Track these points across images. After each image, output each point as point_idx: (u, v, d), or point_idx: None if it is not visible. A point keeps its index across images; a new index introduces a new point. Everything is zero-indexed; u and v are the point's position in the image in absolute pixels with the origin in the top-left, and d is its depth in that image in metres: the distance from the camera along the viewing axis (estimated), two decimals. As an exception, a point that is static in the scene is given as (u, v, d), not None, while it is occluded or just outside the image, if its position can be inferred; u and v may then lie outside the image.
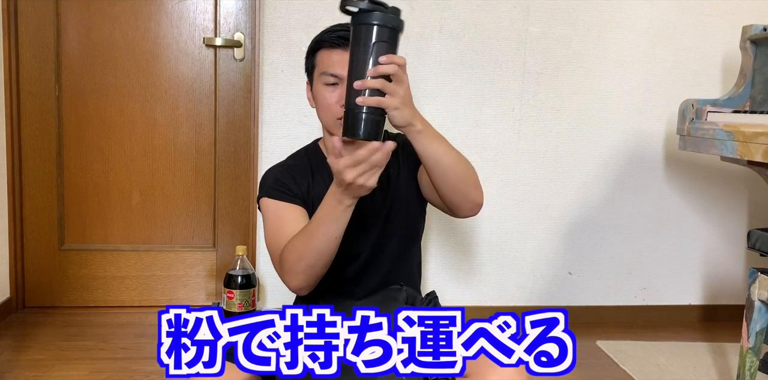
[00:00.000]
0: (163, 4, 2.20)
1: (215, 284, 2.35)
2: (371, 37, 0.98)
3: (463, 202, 1.22)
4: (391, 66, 0.98)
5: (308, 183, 1.34)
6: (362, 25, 1.00)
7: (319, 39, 1.29)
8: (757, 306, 1.64)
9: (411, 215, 1.41)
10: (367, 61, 0.99)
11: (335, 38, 1.26)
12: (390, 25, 1.00)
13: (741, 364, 1.67)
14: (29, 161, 2.23)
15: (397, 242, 1.39)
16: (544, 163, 2.32)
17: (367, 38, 0.99)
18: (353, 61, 1.00)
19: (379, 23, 0.99)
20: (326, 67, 1.26)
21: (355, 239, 1.34)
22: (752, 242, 1.73)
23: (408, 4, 2.17)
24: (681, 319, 2.47)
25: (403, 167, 1.39)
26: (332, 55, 1.26)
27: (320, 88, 1.27)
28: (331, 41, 1.26)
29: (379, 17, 0.99)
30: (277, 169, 1.38)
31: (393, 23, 1.00)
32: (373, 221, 1.35)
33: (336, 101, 1.25)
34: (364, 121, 0.98)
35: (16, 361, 1.85)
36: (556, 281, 2.40)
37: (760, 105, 1.91)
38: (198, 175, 2.31)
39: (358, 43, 1.00)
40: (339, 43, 1.25)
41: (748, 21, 2.22)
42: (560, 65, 2.28)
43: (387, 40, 1.00)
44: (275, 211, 1.30)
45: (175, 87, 2.25)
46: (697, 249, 2.45)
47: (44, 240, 2.27)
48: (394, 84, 1.00)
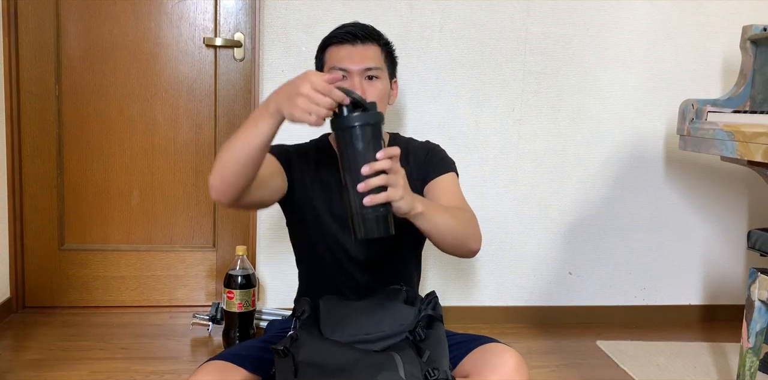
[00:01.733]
0: (163, 4, 2.20)
1: (215, 284, 2.35)
2: (362, 137, 0.98)
3: (460, 252, 1.26)
4: (387, 161, 0.99)
5: (313, 168, 1.37)
6: (348, 129, 0.99)
7: (328, 36, 1.34)
8: (757, 306, 1.64)
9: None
10: (360, 161, 0.98)
11: (343, 34, 1.31)
12: (374, 121, 1.00)
13: (741, 364, 1.67)
14: (29, 161, 2.23)
15: (401, 246, 1.39)
16: (544, 163, 2.32)
17: (358, 139, 0.99)
18: (347, 164, 0.99)
19: (366, 123, 0.99)
20: (335, 62, 1.31)
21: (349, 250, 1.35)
22: (752, 242, 1.73)
23: (408, 4, 2.17)
24: (681, 319, 2.47)
25: (414, 176, 1.40)
26: (341, 50, 1.31)
27: None
28: (340, 37, 1.31)
29: (364, 117, 0.99)
30: (292, 145, 1.42)
31: (376, 119, 1.00)
32: None
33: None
34: (377, 220, 0.99)
35: (16, 361, 1.85)
36: (556, 281, 2.40)
37: (760, 105, 1.91)
38: (198, 175, 2.31)
39: (348, 146, 0.99)
40: (347, 39, 1.30)
41: (748, 21, 2.23)
42: (560, 65, 2.28)
43: (376, 136, 1.00)
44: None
45: (175, 87, 2.25)
46: (697, 249, 2.45)
47: (44, 240, 2.27)
48: (394, 175, 1.01)
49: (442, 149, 1.48)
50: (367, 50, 1.31)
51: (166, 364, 1.87)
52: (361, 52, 1.30)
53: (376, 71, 1.32)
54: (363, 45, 1.31)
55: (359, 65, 1.30)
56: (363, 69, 1.30)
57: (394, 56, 1.40)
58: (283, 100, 1.02)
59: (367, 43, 1.32)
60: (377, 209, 0.99)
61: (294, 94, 0.99)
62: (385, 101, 1.35)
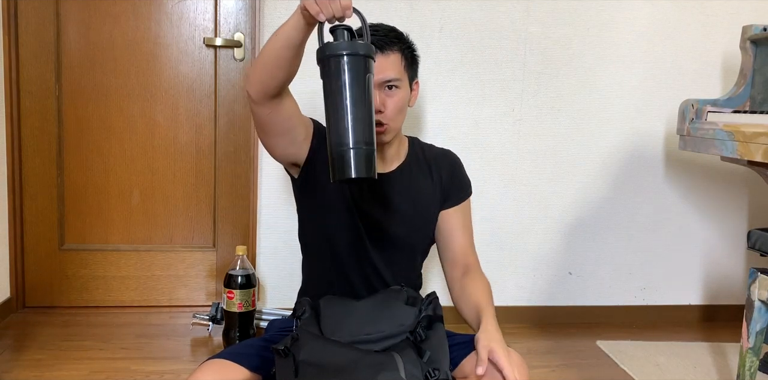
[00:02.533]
0: (163, 4, 2.20)
1: (215, 284, 2.35)
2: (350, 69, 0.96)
3: None
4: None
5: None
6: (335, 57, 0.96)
7: None
8: (757, 306, 1.64)
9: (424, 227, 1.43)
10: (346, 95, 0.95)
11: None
12: (363, 53, 0.98)
13: (741, 364, 1.67)
14: (29, 161, 2.23)
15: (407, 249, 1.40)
16: (544, 163, 2.32)
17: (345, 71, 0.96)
18: (332, 99, 0.95)
19: (355, 52, 0.96)
20: None
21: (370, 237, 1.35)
22: (752, 242, 1.73)
23: (408, 4, 2.17)
24: (681, 319, 2.47)
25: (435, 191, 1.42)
26: None
27: None
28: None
29: (354, 46, 0.96)
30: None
31: (366, 50, 0.99)
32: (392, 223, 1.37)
33: None
34: (358, 158, 0.95)
35: (16, 361, 1.85)
36: (556, 281, 2.40)
37: (760, 105, 1.91)
38: (198, 175, 2.31)
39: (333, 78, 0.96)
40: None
41: (748, 21, 2.23)
42: (560, 65, 2.28)
43: (367, 69, 0.97)
44: None
45: (175, 87, 2.25)
46: (697, 249, 2.45)
47: (44, 240, 2.27)
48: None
49: (462, 163, 1.48)
50: (387, 60, 1.29)
51: (166, 364, 1.87)
52: (382, 63, 1.27)
53: (396, 82, 1.30)
54: (384, 55, 1.28)
55: (380, 78, 1.28)
56: (382, 81, 1.29)
57: (416, 58, 1.38)
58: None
59: (388, 52, 1.29)
60: (359, 147, 0.95)
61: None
62: (404, 108, 1.34)
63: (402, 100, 1.32)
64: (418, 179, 1.41)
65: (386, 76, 1.29)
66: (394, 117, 1.31)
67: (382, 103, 1.28)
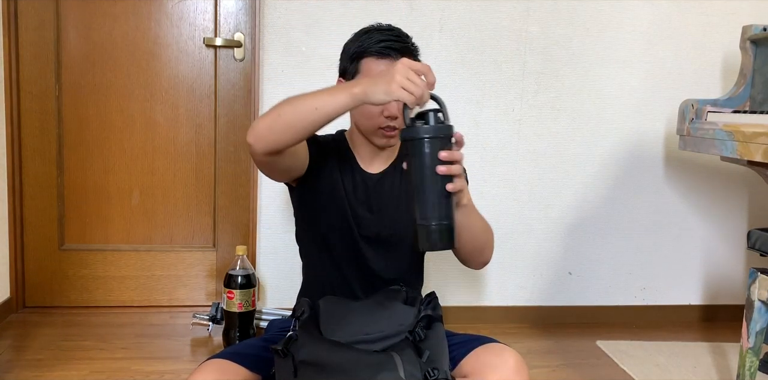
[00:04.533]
0: (163, 4, 2.20)
1: (215, 284, 2.35)
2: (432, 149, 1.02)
3: (475, 262, 1.32)
4: (459, 167, 1.04)
5: (332, 160, 1.36)
6: (420, 140, 1.02)
7: (364, 46, 1.28)
8: (757, 306, 1.64)
9: None
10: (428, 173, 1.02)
11: (383, 48, 1.26)
12: (446, 134, 1.04)
13: (741, 364, 1.67)
14: (29, 161, 2.23)
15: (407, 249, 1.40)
16: (544, 163, 2.32)
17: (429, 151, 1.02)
18: (416, 175, 1.02)
19: (438, 135, 1.02)
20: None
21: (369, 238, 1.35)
22: (752, 242, 1.73)
23: (408, 4, 2.17)
24: (681, 319, 2.47)
25: None
26: (381, 65, 1.26)
27: None
28: (380, 51, 1.26)
29: (438, 129, 1.03)
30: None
31: (449, 131, 1.04)
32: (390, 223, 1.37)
33: (380, 112, 1.27)
34: (440, 232, 1.03)
35: (16, 361, 1.85)
36: (556, 281, 2.40)
37: (760, 105, 1.91)
38: (198, 175, 2.31)
39: (418, 157, 1.03)
40: (387, 54, 1.26)
41: (748, 21, 2.23)
42: (560, 65, 2.28)
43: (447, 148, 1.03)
44: None
45: (175, 87, 2.25)
46: (697, 249, 2.45)
47: (44, 240, 2.27)
48: (460, 179, 1.05)
49: None
50: None
51: (166, 364, 1.87)
52: None
53: None
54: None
55: None
56: None
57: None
58: (372, 84, 1.02)
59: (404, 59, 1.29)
60: (441, 221, 1.03)
61: (389, 76, 1.00)
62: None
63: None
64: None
65: None
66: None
67: (397, 108, 1.27)
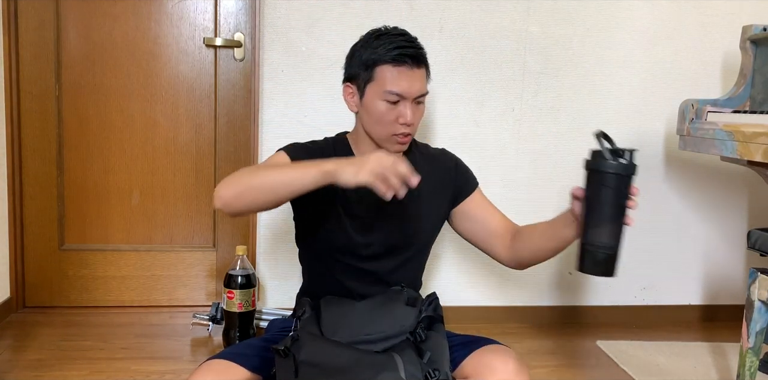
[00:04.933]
0: (163, 4, 2.20)
1: (215, 284, 2.35)
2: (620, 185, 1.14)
3: (529, 266, 1.43)
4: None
5: None
6: (613, 175, 1.13)
7: (378, 53, 1.26)
8: (757, 306, 1.64)
9: (428, 230, 1.43)
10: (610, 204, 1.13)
11: (398, 56, 1.24)
12: (634, 173, 1.15)
13: (741, 364, 1.67)
14: (29, 161, 2.23)
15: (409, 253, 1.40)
16: (543, 163, 2.32)
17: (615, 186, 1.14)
18: (598, 205, 1.13)
19: (630, 173, 1.14)
20: (391, 86, 1.25)
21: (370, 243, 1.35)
22: (752, 242, 1.73)
23: (408, 4, 2.17)
24: (681, 319, 2.47)
25: (441, 190, 1.41)
26: (398, 74, 1.25)
27: (378, 103, 1.27)
28: (398, 59, 1.24)
29: (630, 168, 1.14)
30: (307, 144, 1.38)
31: (635, 171, 1.15)
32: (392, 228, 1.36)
33: (395, 119, 1.27)
34: (606, 260, 1.09)
35: (16, 361, 1.85)
36: (556, 281, 2.40)
37: (760, 105, 1.91)
38: (198, 175, 2.31)
39: (605, 189, 1.14)
40: (403, 61, 1.24)
41: (748, 21, 2.23)
42: (560, 65, 2.28)
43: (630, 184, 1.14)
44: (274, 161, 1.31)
45: (175, 87, 2.25)
46: (697, 249, 2.45)
47: (44, 240, 2.27)
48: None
49: (459, 159, 1.49)
50: (420, 75, 1.28)
51: (166, 364, 1.87)
52: (418, 77, 1.27)
53: (423, 97, 1.30)
54: (418, 69, 1.27)
55: (415, 93, 1.26)
56: (417, 96, 1.28)
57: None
58: (345, 165, 1.05)
59: (421, 66, 1.28)
60: (615, 250, 1.09)
61: (362, 163, 1.03)
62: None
63: (424, 110, 1.33)
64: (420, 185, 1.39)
65: (421, 90, 1.28)
66: (417, 127, 1.33)
67: (411, 116, 1.27)
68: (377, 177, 1.02)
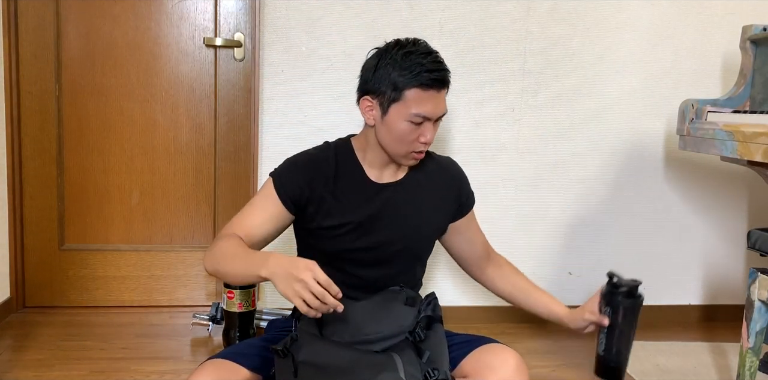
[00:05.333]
0: (163, 4, 2.20)
1: (215, 284, 2.35)
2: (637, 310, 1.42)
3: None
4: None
5: (332, 180, 1.33)
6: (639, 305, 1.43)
7: (410, 76, 1.24)
8: (757, 306, 1.64)
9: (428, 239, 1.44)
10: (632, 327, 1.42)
11: (430, 81, 1.23)
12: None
13: (741, 364, 1.67)
14: (29, 161, 2.23)
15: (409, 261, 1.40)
16: (544, 163, 2.32)
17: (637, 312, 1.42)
18: (624, 326, 1.41)
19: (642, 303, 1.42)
20: (420, 109, 1.24)
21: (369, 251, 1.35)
22: (752, 242, 1.73)
23: (408, 4, 2.17)
24: (681, 319, 2.47)
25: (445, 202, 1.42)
26: (427, 97, 1.25)
27: (402, 123, 1.26)
28: (428, 83, 1.23)
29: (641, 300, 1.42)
30: (302, 158, 1.36)
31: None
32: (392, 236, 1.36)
33: (416, 138, 1.27)
34: (616, 370, 1.39)
35: (16, 361, 1.86)
36: (556, 281, 2.40)
37: (760, 105, 1.91)
38: (198, 175, 2.31)
39: (631, 315, 1.43)
40: (433, 85, 1.24)
41: (748, 21, 2.23)
42: (560, 65, 2.28)
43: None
44: (263, 196, 1.33)
45: (175, 87, 2.25)
46: (697, 249, 2.45)
47: (44, 240, 2.27)
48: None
49: (465, 173, 1.49)
50: (444, 96, 1.29)
51: (166, 364, 1.87)
52: (443, 99, 1.28)
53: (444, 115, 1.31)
54: (445, 90, 1.28)
55: (439, 115, 1.28)
56: (440, 117, 1.29)
57: None
58: (279, 277, 1.06)
59: (446, 87, 1.29)
60: (625, 364, 1.39)
61: (292, 279, 1.04)
62: None
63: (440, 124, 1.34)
64: (424, 188, 1.39)
65: (444, 110, 1.29)
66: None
67: (431, 134, 1.28)
68: (297, 295, 1.03)
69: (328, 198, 1.32)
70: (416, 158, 1.32)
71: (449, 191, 1.42)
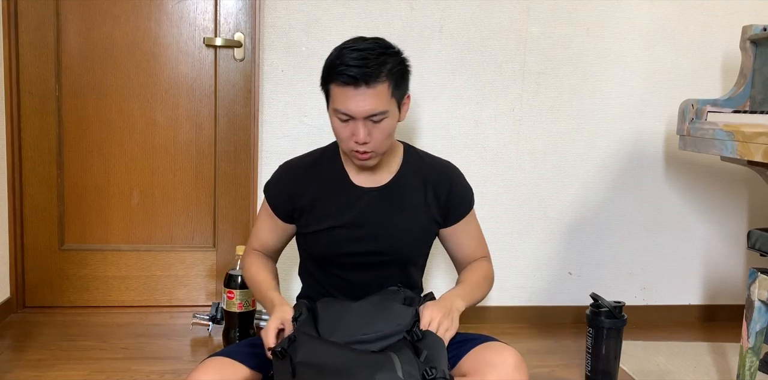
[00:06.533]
0: (163, 4, 2.20)
1: (215, 284, 2.35)
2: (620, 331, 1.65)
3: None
4: None
5: (309, 188, 1.36)
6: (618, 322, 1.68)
7: (330, 69, 1.23)
8: (757, 306, 1.64)
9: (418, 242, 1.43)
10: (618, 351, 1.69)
11: (344, 76, 1.20)
12: None
13: (741, 364, 1.67)
14: (29, 161, 2.23)
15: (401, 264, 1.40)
16: (544, 163, 2.32)
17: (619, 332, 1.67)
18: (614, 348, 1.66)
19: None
20: (338, 105, 1.23)
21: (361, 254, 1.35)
22: (752, 242, 1.73)
23: (408, 4, 2.17)
24: (681, 319, 2.47)
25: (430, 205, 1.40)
26: (345, 93, 1.21)
27: (333, 119, 1.27)
28: (342, 79, 1.20)
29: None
30: (287, 167, 1.43)
31: None
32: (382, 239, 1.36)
33: (350, 136, 1.25)
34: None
35: (16, 361, 1.86)
36: (556, 281, 2.40)
37: (760, 105, 1.91)
38: (198, 175, 2.31)
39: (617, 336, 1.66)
40: (350, 82, 1.20)
41: (748, 21, 2.23)
42: (560, 65, 2.28)
43: None
44: (263, 209, 1.44)
45: (175, 87, 2.25)
46: (697, 249, 2.45)
47: (44, 240, 2.28)
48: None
49: (461, 175, 1.45)
50: (372, 94, 1.20)
51: (166, 364, 1.87)
52: (368, 97, 1.20)
53: (383, 114, 1.23)
54: (368, 88, 1.20)
55: (363, 113, 1.22)
56: (367, 116, 1.23)
57: (405, 74, 1.28)
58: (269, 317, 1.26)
59: (373, 84, 1.20)
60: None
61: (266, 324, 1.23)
62: (393, 131, 1.29)
63: (390, 126, 1.26)
64: (410, 193, 1.38)
65: (370, 111, 1.22)
66: (381, 143, 1.27)
67: (367, 135, 1.23)
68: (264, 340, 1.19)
69: (312, 204, 1.35)
70: (360, 158, 1.28)
71: (436, 196, 1.39)
